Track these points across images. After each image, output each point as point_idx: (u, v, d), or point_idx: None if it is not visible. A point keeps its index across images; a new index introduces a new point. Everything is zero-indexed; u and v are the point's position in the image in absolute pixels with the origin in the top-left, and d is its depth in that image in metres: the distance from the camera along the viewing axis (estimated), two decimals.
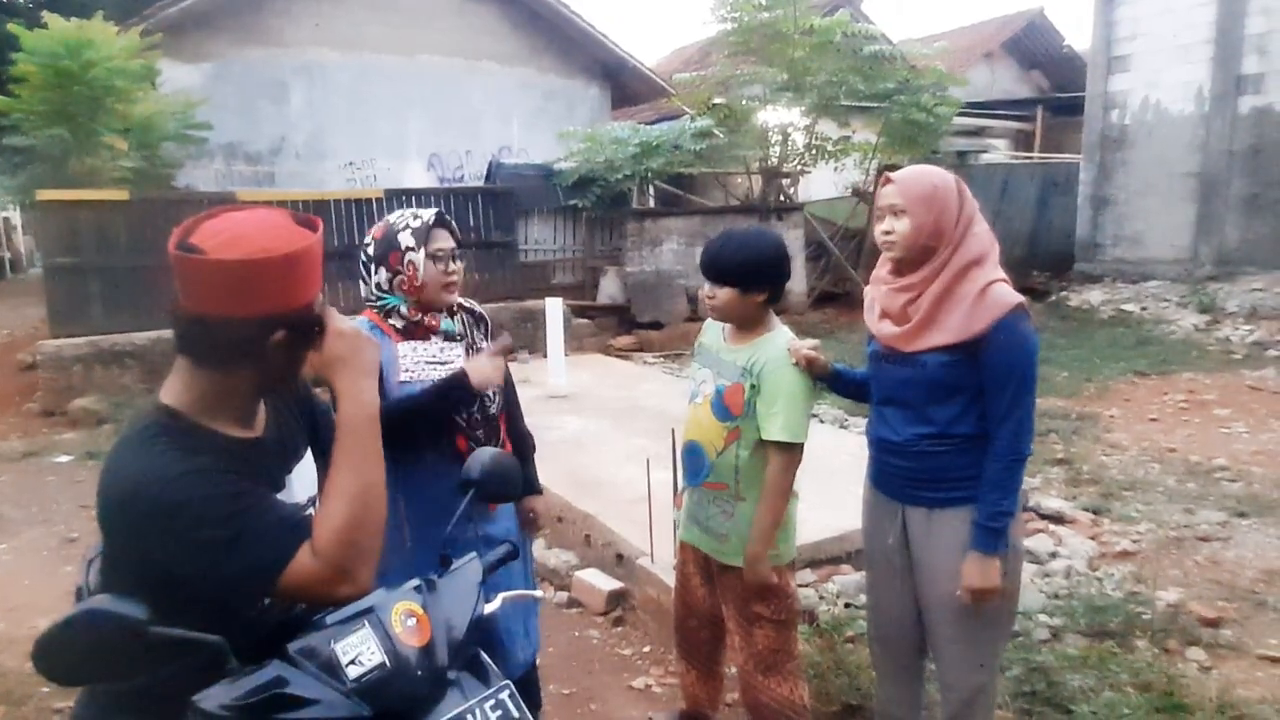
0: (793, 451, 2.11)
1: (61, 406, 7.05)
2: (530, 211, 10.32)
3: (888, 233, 1.98)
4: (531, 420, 2.67)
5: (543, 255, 10.55)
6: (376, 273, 2.13)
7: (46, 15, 8.13)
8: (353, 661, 1.18)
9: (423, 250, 2.11)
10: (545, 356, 7.30)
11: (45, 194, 7.59)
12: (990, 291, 1.94)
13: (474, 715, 1.23)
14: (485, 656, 1.38)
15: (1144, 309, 9.95)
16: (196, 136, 9.69)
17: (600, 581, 3.54)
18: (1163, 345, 8.46)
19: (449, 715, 1.22)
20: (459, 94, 12.30)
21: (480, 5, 12.34)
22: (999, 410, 1.91)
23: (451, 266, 2.18)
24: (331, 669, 1.17)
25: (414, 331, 2.15)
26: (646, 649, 3.19)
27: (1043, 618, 3.13)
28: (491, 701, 1.26)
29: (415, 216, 2.16)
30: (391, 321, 2.14)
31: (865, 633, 3.03)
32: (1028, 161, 13.85)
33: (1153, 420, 5.97)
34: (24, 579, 4.02)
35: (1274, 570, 3.57)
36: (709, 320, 2.37)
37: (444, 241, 2.17)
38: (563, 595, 3.66)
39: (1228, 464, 4.93)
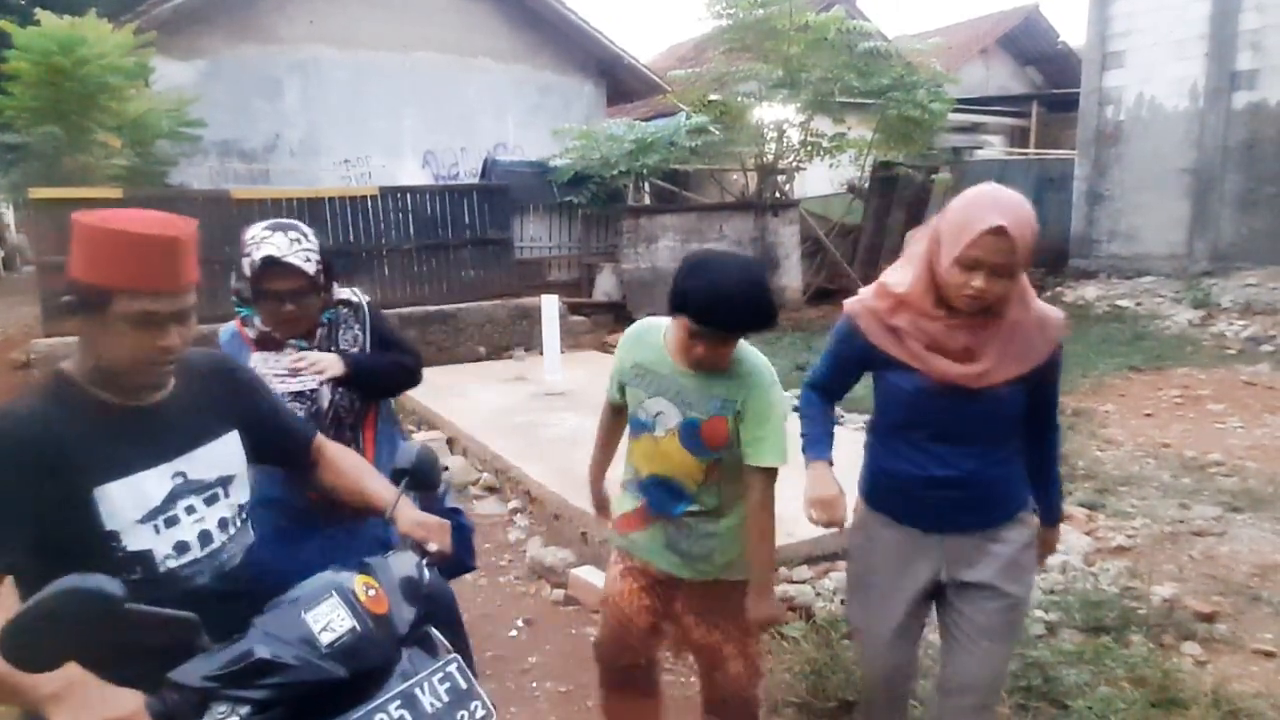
0: (775, 472, 1.99)
1: None
2: (526, 208, 10.31)
3: (980, 292, 1.68)
4: (527, 418, 2.66)
5: (538, 252, 10.54)
6: (234, 279, 2.13)
7: (39, 12, 8.09)
8: (325, 629, 1.26)
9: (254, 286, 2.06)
10: (541, 354, 7.30)
11: (38, 192, 7.55)
12: (1044, 312, 1.84)
13: (423, 688, 1.30)
14: (435, 632, 1.46)
15: (1139, 304, 9.97)
16: (190, 134, 9.65)
17: (597, 579, 3.53)
18: (1158, 341, 8.48)
19: (400, 687, 1.28)
20: (454, 91, 12.27)
21: (476, 2, 12.31)
22: (1051, 413, 1.94)
23: (287, 306, 2.06)
24: (304, 637, 1.24)
25: (267, 342, 2.14)
26: None
27: (1039, 613, 3.13)
28: (440, 674, 1.33)
29: (257, 245, 2.03)
30: (248, 330, 2.15)
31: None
32: (1023, 158, 13.87)
33: (1148, 415, 5.98)
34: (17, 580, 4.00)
35: (1268, 565, 3.58)
36: (635, 330, 2.12)
37: (276, 283, 2.04)
38: (559, 593, 3.66)
39: (1222, 459, 4.94)
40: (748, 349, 2.02)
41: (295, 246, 2.06)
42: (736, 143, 10.77)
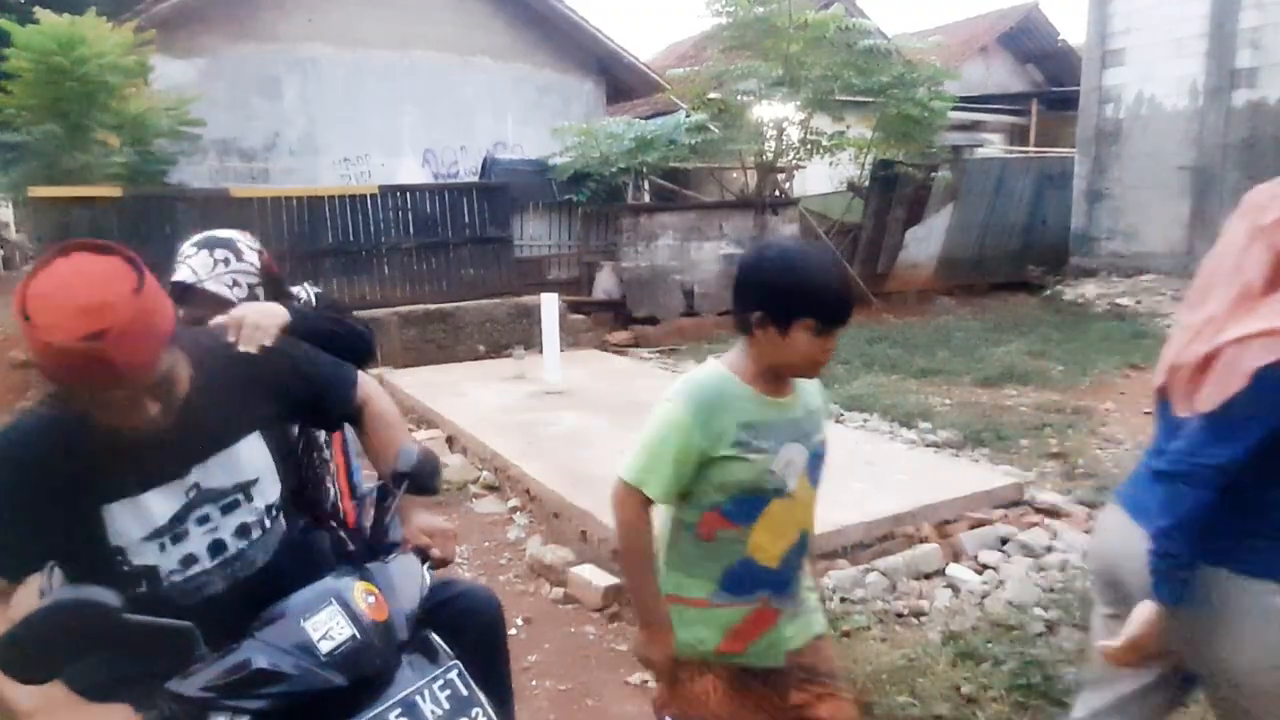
0: None
1: None
2: (525, 207, 10.30)
3: None
4: (527, 416, 2.65)
5: (538, 251, 10.53)
6: None
7: (38, 11, 8.07)
8: (324, 637, 1.25)
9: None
10: (541, 352, 7.29)
11: (37, 190, 7.55)
12: None
13: (424, 695, 1.29)
14: (435, 637, 1.44)
15: (1139, 302, 9.97)
16: (190, 133, 9.63)
17: (596, 577, 3.54)
18: (1157, 339, 8.46)
19: (401, 694, 1.27)
20: (453, 89, 12.26)
21: (475, 1, 12.29)
22: None
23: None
24: (303, 646, 1.23)
25: None
26: None
27: (1038, 611, 3.14)
28: (440, 681, 1.32)
29: (175, 267, 1.88)
30: None
31: (861, 627, 3.04)
32: (1023, 156, 13.85)
33: (1147, 414, 5.96)
34: None
35: None
36: (702, 395, 1.64)
37: (191, 309, 1.85)
38: (559, 591, 3.66)
39: None
40: None
41: (219, 269, 1.89)
42: (736, 141, 10.76)
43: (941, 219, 11.67)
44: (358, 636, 1.27)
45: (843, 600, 3.26)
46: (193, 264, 1.88)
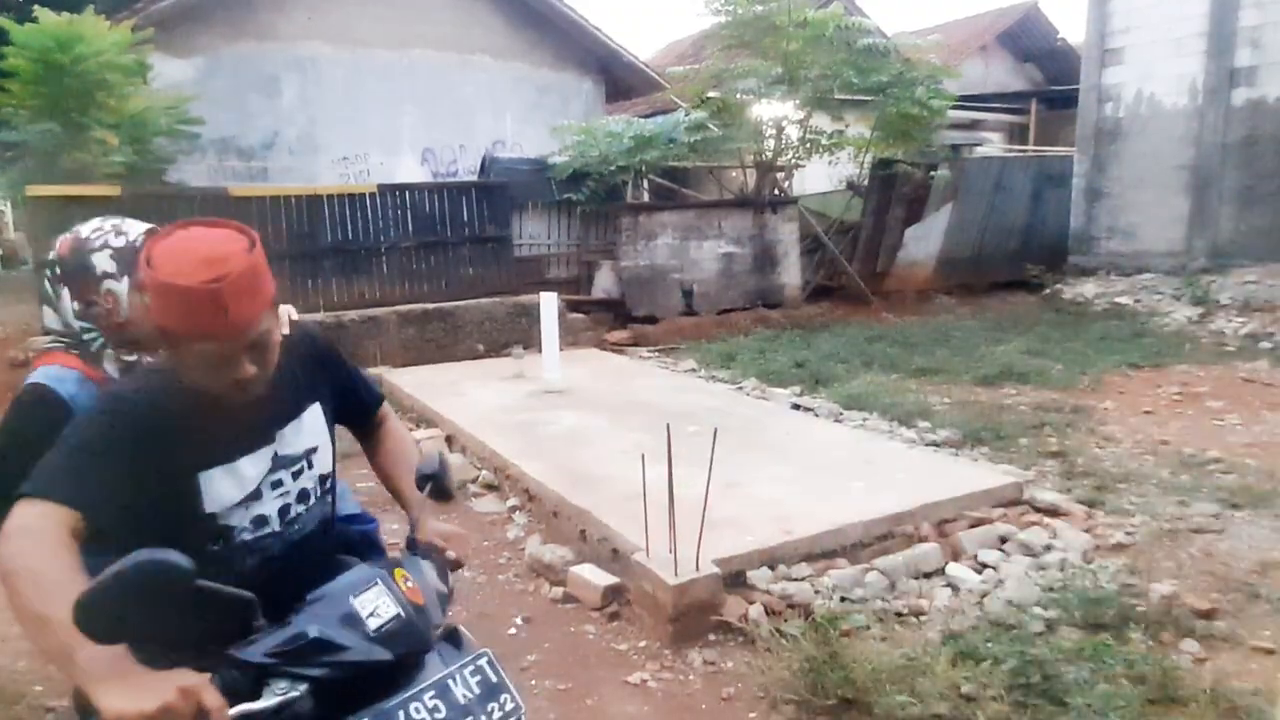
0: None
1: None
2: (524, 206, 10.29)
3: None
4: (526, 416, 2.65)
5: (537, 250, 10.52)
6: (67, 299, 1.69)
7: (36, 9, 8.05)
8: (371, 614, 1.31)
9: (126, 279, 1.65)
10: (540, 351, 7.29)
11: (36, 189, 7.53)
12: None
13: (455, 680, 1.34)
14: (462, 629, 1.51)
15: (1138, 301, 9.98)
16: (188, 131, 9.62)
17: (596, 577, 3.53)
18: (1156, 338, 8.48)
19: (432, 679, 1.31)
20: (452, 88, 12.25)
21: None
22: None
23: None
24: (352, 621, 1.29)
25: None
26: (642, 644, 3.18)
27: (1037, 610, 3.14)
28: (471, 667, 1.37)
29: (118, 232, 1.68)
30: (104, 368, 1.66)
31: (860, 626, 3.05)
32: (1022, 155, 13.85)
33: (1146, 413, 5.98)
34: None
35: (1268, 562, 3.58)
36: None
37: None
38: (558, 590, 3.66)
39: (1221, 456, 4.94)
40: None
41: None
42: (735, 140, 10.75)
43: (941, 218, 11.67)
44: (402, 616, 1.33)
45: (842, 599, 3.25)
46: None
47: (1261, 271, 9.40)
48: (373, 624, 1.30)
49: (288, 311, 1.69)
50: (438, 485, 1.67)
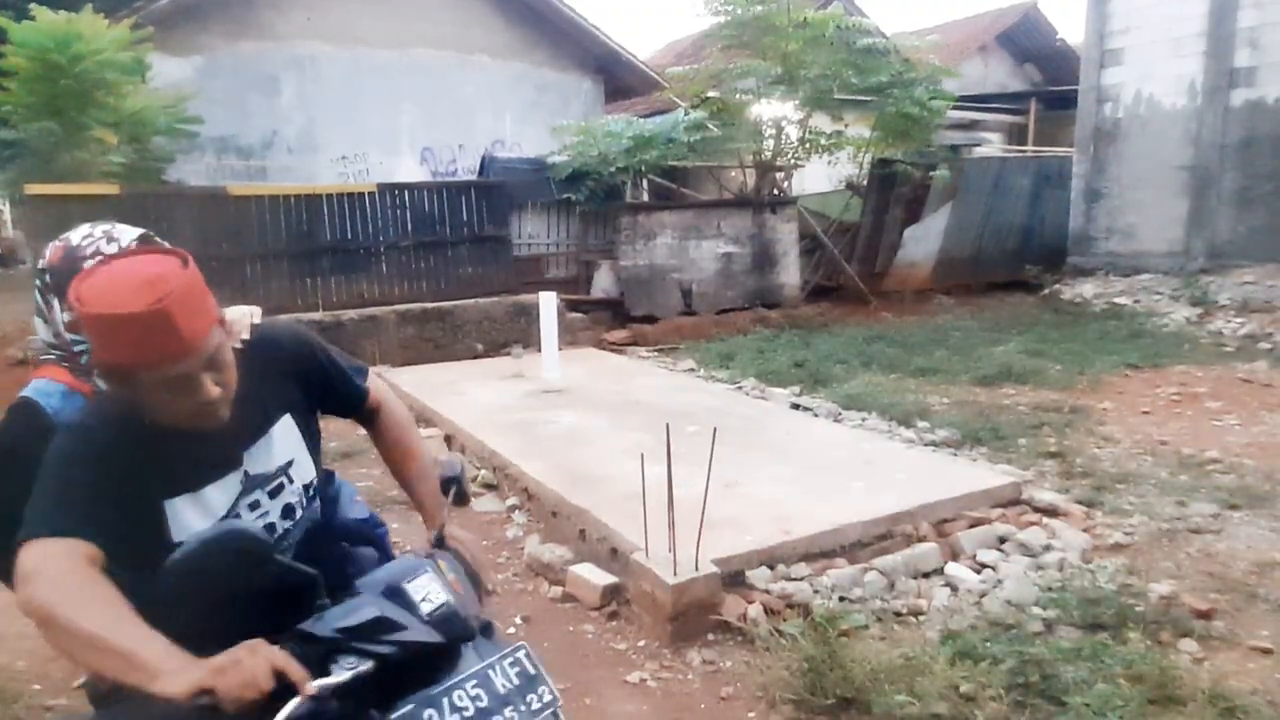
0: None
1: None
2: (524, 205, 10.29)
3: None
4: (526, 415, 2.64)
5: (536, 249, 10.52)
6: (58, 310, 1.61)
7: (35, 7, 8.05)
8: (424, 599, 1.36)
9: None
10: (539, 351, 7.29)
11: (34, 188, 7.53)
12: None
13: (495, 670, 1.37)
14: (495, 623, 1.57)
15: (1136, 302, 9.98)
16: (187, 130, 9.62)
17: (595, 576, 3.53)
18: (1155, 338, 8.49)
19: (472, 669, 1.35)
20: (452, 88, 12.25)
21: None
22: None
23: None
24: (407, 604, 1.34)
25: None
26: (641, 643, 3.18)
27: (1036, 610, 3.14)
28: (510, 659, 1.41)
29: (109, 238, 1.65)
30: (95, 381, 1.60)
31: (859, 626, 3.05)
32: (1021, 155, 13.86)
33: (1145, 413, 5.99)
34: None
35: (1266, 562, 3.59)
36: None
37: None
38: (557, 590, 3.65)
39: (1220, 456, 4.95)
40: None
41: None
42: (735, 140, 10.76)
43: (940, 218, 11.67)
44: (451, 602, 1.38)
45: (841, 599, 3.25)
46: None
47: (1260, 272, 9.41)
48: (425, 608, 1.34)
49: (250, 313, 1.63)
50: (459, 490, 1.74)
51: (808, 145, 11.16)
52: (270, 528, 1.48)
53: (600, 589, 3.45)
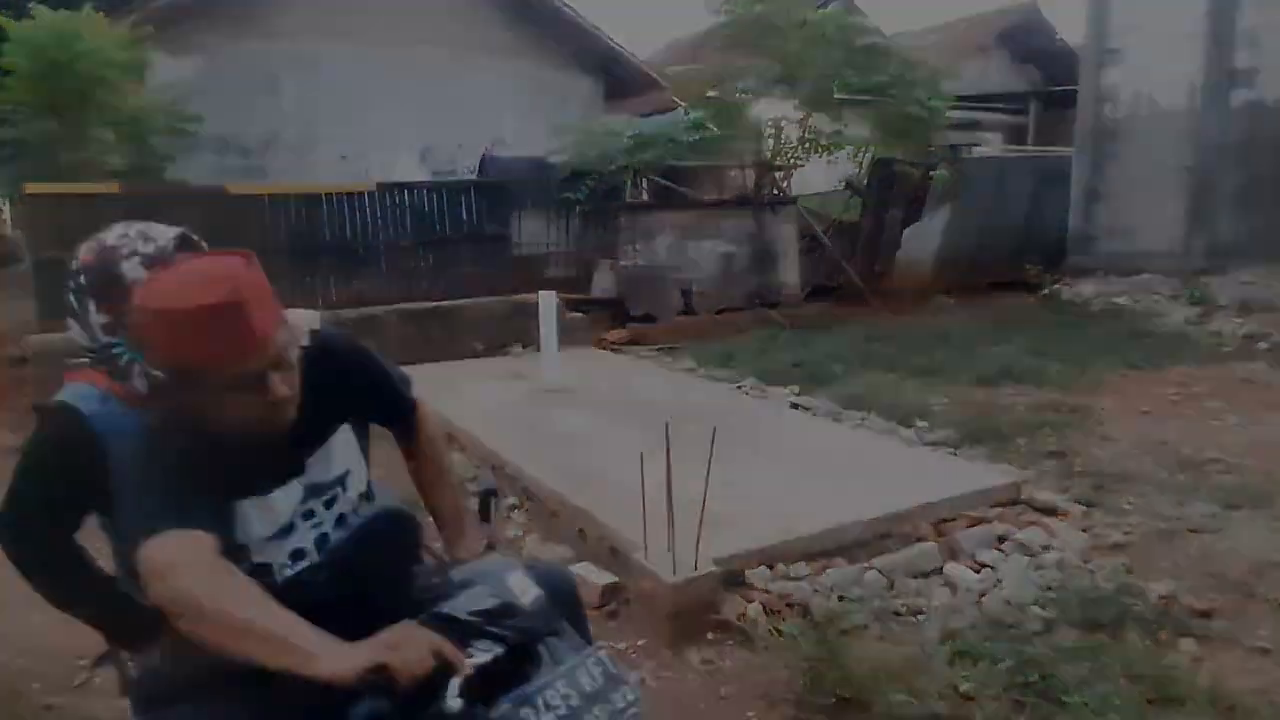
0: None
1: None
2: (523, 205, 10.28)
3: None
4: (525, 414, 2.64)
5: (536, 249, 10.51)
6: (94, 312, 1.55)
7: (34, 6, 8.05)
8: (522, 593, 1.42)
9: None
10: (538, 350, 7.28)
11: (34, 187, 7.52)
12: None
13: (582, 669, 1.41)
14: (568, 625, 1.59)
15: (1136, 302, 9.98)
16: (187, 129, 9.62)
17: (594, 576, 3.53)
18: (1155, 338, 8.48)
19: (564, 668, 1.39)
20: (452, 87, 12.24)
21: None
22: None
23: None
24: (511, 596, 1.40)
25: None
26: (641, 642, 3.18)
27: (1035, 610, 3.14)
28: (593, 658, 1.44)
29: (145, 238, 1.60)
30: (133, 384, 1.54)
31: (858, 625, 3.05)
32: (1021, 155, 13.85)
33: (1145, 413, 5.99)
34: (14, 574, 3.99)
35: (1265, 562, 3.58)
36: None
37: None
38: None
39: (1219, 456, 4.95)
40: None
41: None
42: (735, 140, 10.76)
43: (939, 218, 11.67)
44: (543, 597, 1.44)
45: (840, 598, 3.25)
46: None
47: (1260, 272, 9.41)
48: (525, 601, 1.41)
49: (310, 317, 1.61)
50: (496, 503, 1.80)
51: (808, 145, 11.16)
52: (323, 539, 1.46)
53: (600, 588, 3.45)
